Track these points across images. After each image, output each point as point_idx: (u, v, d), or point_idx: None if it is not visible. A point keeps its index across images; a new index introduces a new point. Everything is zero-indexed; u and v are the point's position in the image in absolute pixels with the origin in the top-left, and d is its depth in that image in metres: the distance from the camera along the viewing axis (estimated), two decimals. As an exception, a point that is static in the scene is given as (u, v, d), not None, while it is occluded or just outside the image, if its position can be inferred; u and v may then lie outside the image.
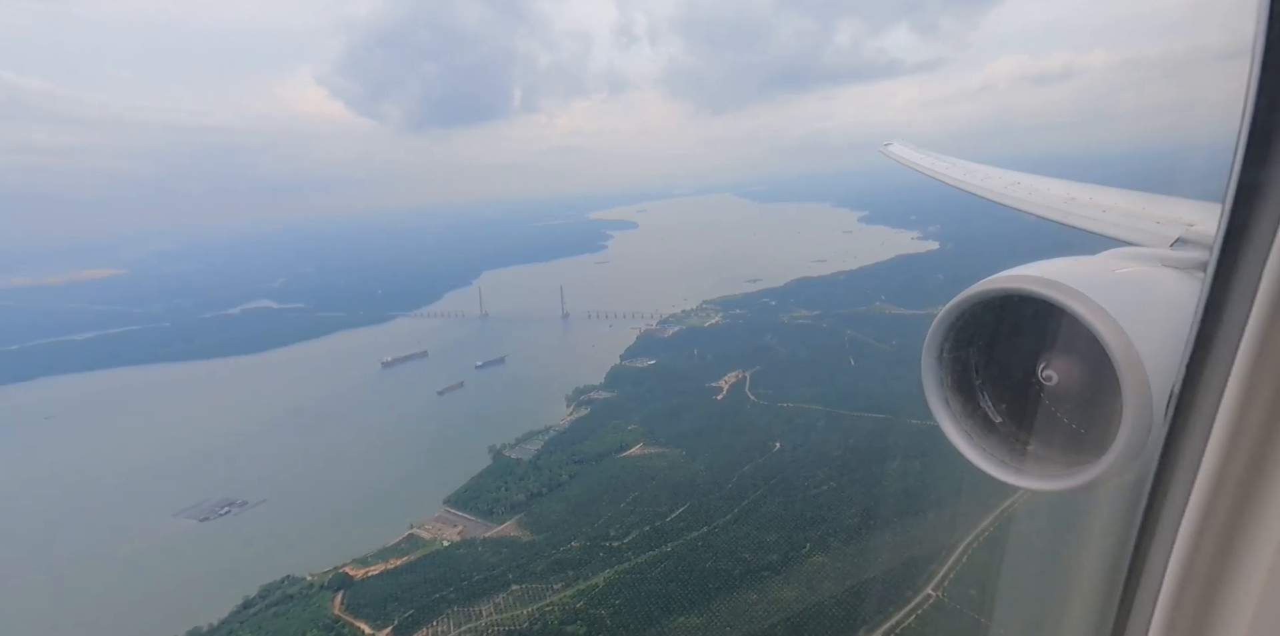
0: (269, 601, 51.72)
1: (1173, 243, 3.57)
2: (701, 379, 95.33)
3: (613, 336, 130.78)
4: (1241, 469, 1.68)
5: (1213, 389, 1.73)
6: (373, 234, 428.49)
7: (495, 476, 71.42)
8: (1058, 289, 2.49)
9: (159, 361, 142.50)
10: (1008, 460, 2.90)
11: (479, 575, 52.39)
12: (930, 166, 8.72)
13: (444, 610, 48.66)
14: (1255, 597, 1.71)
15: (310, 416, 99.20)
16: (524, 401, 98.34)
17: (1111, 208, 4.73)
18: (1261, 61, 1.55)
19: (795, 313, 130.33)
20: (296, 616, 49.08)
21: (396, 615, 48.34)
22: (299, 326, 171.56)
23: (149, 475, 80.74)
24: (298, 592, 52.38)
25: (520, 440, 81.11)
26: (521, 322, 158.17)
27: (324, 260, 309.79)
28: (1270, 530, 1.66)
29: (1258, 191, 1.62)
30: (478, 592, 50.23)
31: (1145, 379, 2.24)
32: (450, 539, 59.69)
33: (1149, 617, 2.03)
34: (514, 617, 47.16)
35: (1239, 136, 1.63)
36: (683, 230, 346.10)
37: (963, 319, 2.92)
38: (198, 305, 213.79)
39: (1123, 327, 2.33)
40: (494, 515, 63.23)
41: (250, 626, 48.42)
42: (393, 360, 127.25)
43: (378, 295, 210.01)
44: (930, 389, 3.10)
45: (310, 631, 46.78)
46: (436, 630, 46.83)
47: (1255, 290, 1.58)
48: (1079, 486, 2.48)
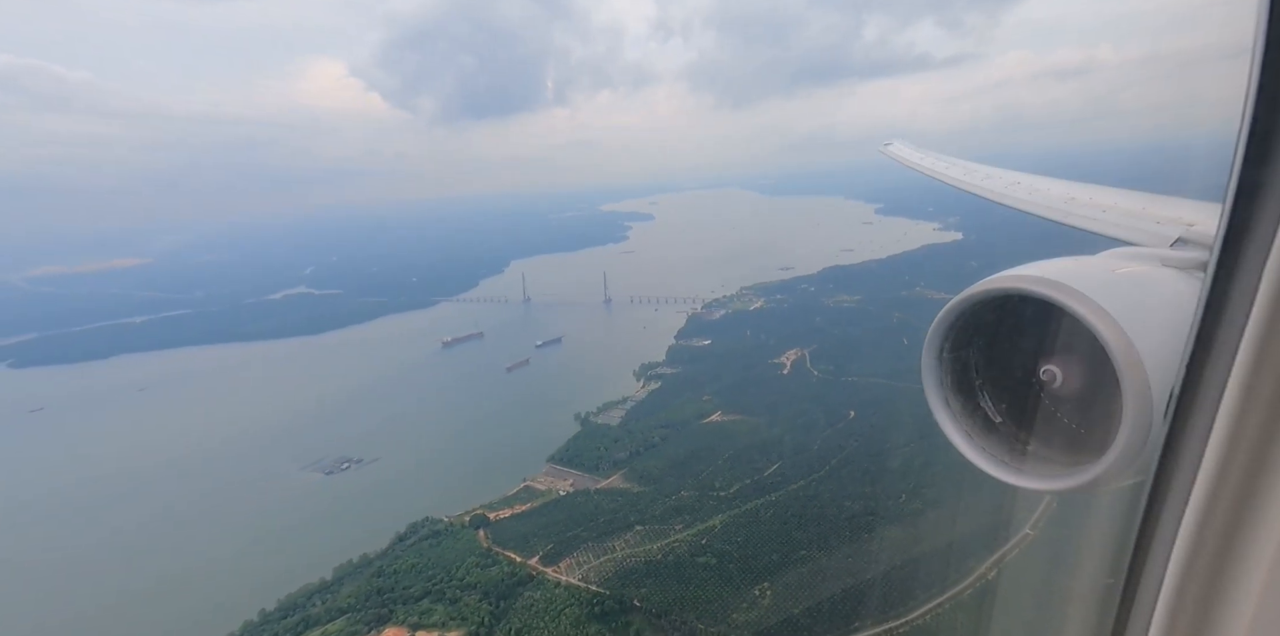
0: (420, 536, 57.82)
1: (1173, 243, 3.57)
2: (762, 356, 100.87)
3: (660, 319, 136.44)
4: (1241, 469, 1.68)
5: (1213, 389, 1.74)
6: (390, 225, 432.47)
7: (589, 439, 77.28)
8: (1058, 289, 2.51)
9: (221, 342, 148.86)
10: (1008, 460, 2.93)
11: (603, 518, 58.34)
12: (930, 166, 8.78)
13: (579, 545, 54.61)
14: (1255, 597, 1.71)
15: (392, 388, 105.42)
16: (590, 376, 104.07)
17: (1111, 207, 4.76)
18: (1261, 61, 1.56)
19: (837, 297, 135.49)
20: (450, 547, 55.11)
21: (539, 548, 54.34)
22: (345, 311, 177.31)
23: (259, 438, 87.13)
24: (443, 529, 58.47)
25: (601, 409, 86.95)
26: (564, 307, 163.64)
27: (348, 249, 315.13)
28: (1270, 530, 1.65)
29: (1258, 191, 1.62)
30: (606, 532, 56.15)
31: (1145, 379, 2.25)
32: (565, 490, 65.64)
33: (1149, 617, 2.03)
34: (645, 551, 53.04)
35: (1239, 136, 1.65)
36: (700, 222, 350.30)
37: (963, 319, 2.96)
38: (238, 291, 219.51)
39: (1123, 328, 2.34)
40: (599, 470, 69.11)
41: (413, 553, 54.53)
42: (452, 340, 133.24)
43: (412, 282, 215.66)
44: (930, 389, 3.13)
45: (469, 557, 52.81)
46: (578, 560, 52.78)
47: (1255, 290, 1.58)
48: (1079, 486, 2.48)
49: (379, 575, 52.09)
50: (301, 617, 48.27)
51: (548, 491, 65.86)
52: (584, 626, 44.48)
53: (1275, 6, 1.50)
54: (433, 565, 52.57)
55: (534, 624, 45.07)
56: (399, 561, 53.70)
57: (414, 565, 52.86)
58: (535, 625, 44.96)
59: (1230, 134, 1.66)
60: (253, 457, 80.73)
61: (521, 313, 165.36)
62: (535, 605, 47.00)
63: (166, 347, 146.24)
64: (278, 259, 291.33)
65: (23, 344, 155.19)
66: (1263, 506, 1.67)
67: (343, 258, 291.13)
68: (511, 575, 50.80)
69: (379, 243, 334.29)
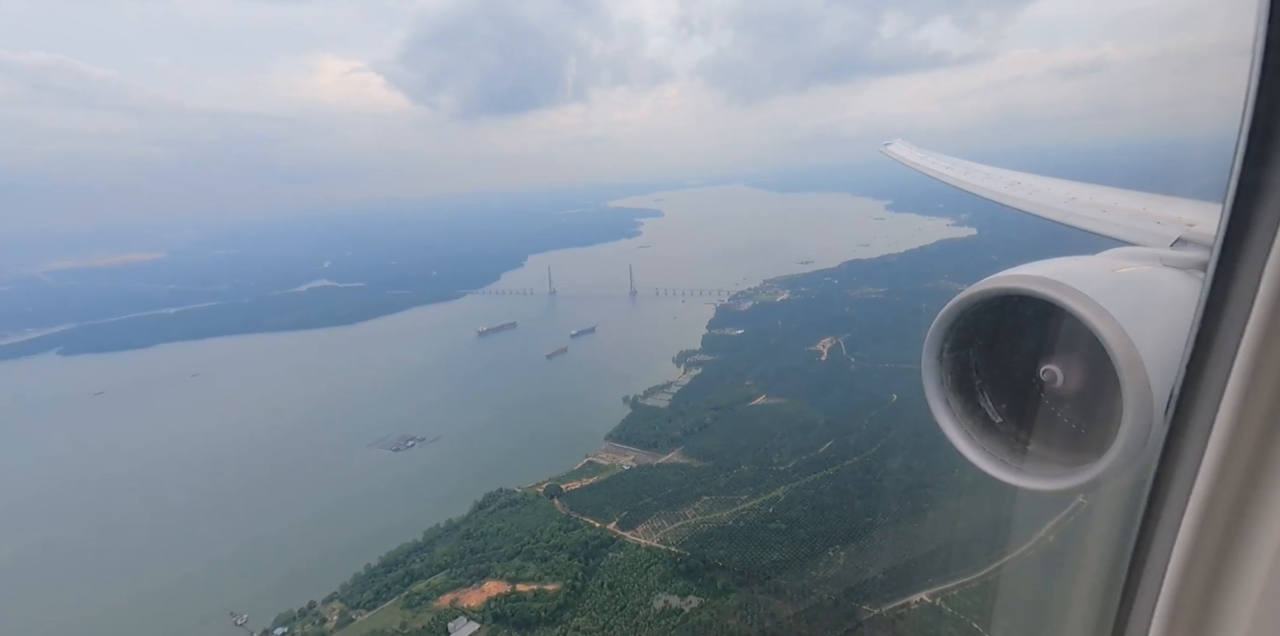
0: (498, 504, 61.30)
1: (1173, 243, 3.57)
2: (797, 344, 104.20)
3: (687, 310, 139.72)
4: (1241, 469, 1.68)
5: (1213, 389, 1.74)
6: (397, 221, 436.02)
7: (641, 420, 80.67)
8: (1058, 289, 2.51)
9: (256, 332, 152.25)
10: (1008, 460, 2.94)
11: (670, 489, 61.77)
12: (930, 166, 8.71)
13: (652, 512, 58.08)
14: (1255, 597, 1.71)
15: (437, 374, 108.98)
16: (629, 363, 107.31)
17: (1112, 207, 4.77)
18: (1261, 61, 1.56)
19: (862, 289, 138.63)
20: (530, 514, 58.64)
21: (614, 515, 57.84)
22: (372, 302, 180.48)
23: (319, 419, 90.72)
24: (519, 498, 61.95)
25: (648, 393, 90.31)
26: (590, 299, 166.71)
27: (361, 245, 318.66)
28: (1270, 530, 1.65)
29: (1258, 191, 1.62)
30: (675, 501, 59.59)
31: (1145, 379, 2.25)
32: (628, 464, 69.05)
33: (1149, 617, 2.03)
34: (716, 518, 56.48)
35: (1239, 136, 1.65)
36: (710, 218, 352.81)
37: (963, 319, 2.96)
38: (260, 285, 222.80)
39: (1123, 327, 2.34)
40: (657, 447, 72.50)
41: (495, 519, 58.08)
42: (488, 329, 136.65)
43: (432, 276, 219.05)
44: (930, 389, 3.13)
45: (550, 522, 56.31)
46: (653, 525, 56.24)
47: (1255, 290, 1.58)
48: (1079, 486, 2.49)
49: (468, 537, 55.64)
50: (404, 572, 51.81)
51: (611, 466, 69.26)
52: (671, 582, 47.95)
53: (1275, 6, 1.51)
54: (517, 529, 56.07)
55: (624, 579, 48.55)
56: (484, 526, 57.27)
57: (499, 529, 56.37)
58: (625, 580, 48.43)
59: (1230, 134, 1.68)
60: (318, 436, 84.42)
61: (548, 304, 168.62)
62: (621, 563, 50.52)
63: (204, 337, 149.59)
64: (293, 254, 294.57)
65: (66, 333, 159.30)
66: (1263, 506, 1.67)
67: (358, 253, 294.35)
68: (594, 538, 54.29)
69: (390, 238, 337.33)
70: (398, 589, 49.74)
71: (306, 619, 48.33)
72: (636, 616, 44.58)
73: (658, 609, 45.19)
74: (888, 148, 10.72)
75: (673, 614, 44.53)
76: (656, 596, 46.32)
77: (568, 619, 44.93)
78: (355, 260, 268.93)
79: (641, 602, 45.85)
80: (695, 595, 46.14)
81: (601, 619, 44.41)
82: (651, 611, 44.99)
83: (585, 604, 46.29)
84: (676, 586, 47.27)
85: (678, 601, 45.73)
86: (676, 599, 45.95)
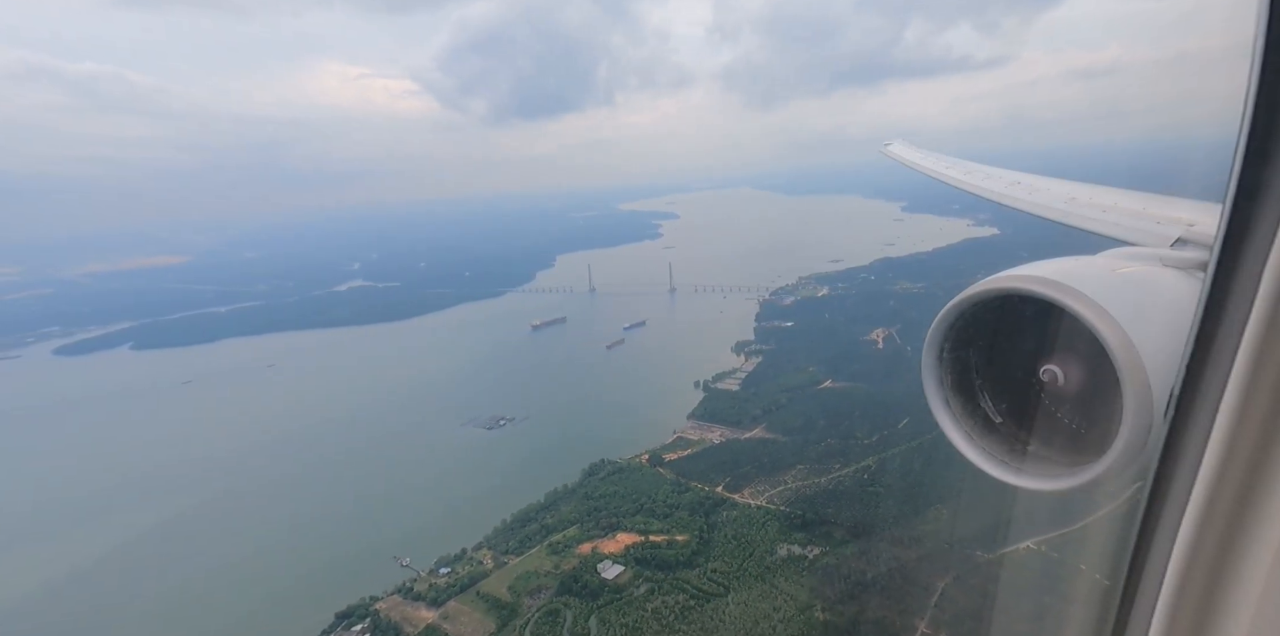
0: (606, 472, 66.05)
1: (1173, 243, 3.57)
2: (850, 335, 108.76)
3: (730, 305, 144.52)
4: (1241, 469, 1.68)
5: (1213, 389, 1.74)
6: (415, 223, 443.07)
7: (717, 401, 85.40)
8: (1058, 289, 2.52)
9: (310, 327, 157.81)
10: (1008, 460, 2.95)
11: (764, 459, 66.38)
12: (930, 166, 8.73)
13: (753, 478, 62.70)
14: (1255, 597, 1.71)
15: (505, 362, 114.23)
16: (687, 352, 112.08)
17: (1112, 207, 4.77)
18: (1261, 61, 1.57)
19: (901, 285, 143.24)
20: (639, 480, 63.38)
21: (719, 481, 62.50)
22: (414, 300, 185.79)
23: (405, 402, 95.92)
24: (624, 467, 66.69)
25: (716, 378, 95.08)
26: (631, 296, 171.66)
27: (385, 246, 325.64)
28: (1270, 530, 1.65)
29: (1258, 191, 1.63)
30: (771, 469, 64.16)
31: (1145, 379, 2.25)
32: (717, 439, 73.70)
33: (1149, 617, 2.03)
34: (814, 484, 61.04)
35: (1239, 136, 1.65)
36: (726, 220, 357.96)
37: (963, 319, 2.96)
38: (299, 285, 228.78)
39: (1123, 327, 2.34)
40: (740, 425, 77.14)
41: (608, 484, 62.81)
42: (541, 323, 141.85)
43: (465, 276, 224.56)
44: (930, 389, 3.15)
45: (662, 486, 61.01)
46: (756, 489, 60.84)
47: (1255, 290, 1.58)
48: (1079, 486, 2.50)
49: (587, 498, 60.37)
50: (539, 526, 56.66)
51: (700, 440, 73.92)
52: (789, 534, 52.54)
53: (1275, 6, 1.52)
54: (632, 491, 60.79)
55: (745, 532, 53.16)
56: (599, 489, 62.01)
57: (614, 491, 61.08)
58: (746, 533, 53.04)
59: (1230, 134, 1.69)
60: (410, 416, 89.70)
61: (590, 301, 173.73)
62: (739, 519, 55.13)
63: (263, 333, 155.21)
64: (320, 255, 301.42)
65: (130, 330, 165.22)
66: (1263, 506, 1.67)
67: (384, 254, 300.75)
68: (706, 498, 58.98)
69: (411, 240, 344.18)
70: (538, 539, 54.58)
71: (462, 562, 53.16)
72: (765, 561, 49.20)
73: (782, 555, 49.83)
74: (887, 148, 10.88)
75: (798, 560, 49.14)
76: (779, 546, 50.94)
77: (702, 563, 49.55)
78: (382, 262, 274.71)
79: (767, 551, 50.46)
80: (815, 545, 50.72)
81: (735, 563, 49.05)
82: (777, 558, 49.61)
83: (715, 551, 50.95)
84: (795, 538, 51.86)
85: (799, 550, 50.33)
86: (798, 548, 50.56)
